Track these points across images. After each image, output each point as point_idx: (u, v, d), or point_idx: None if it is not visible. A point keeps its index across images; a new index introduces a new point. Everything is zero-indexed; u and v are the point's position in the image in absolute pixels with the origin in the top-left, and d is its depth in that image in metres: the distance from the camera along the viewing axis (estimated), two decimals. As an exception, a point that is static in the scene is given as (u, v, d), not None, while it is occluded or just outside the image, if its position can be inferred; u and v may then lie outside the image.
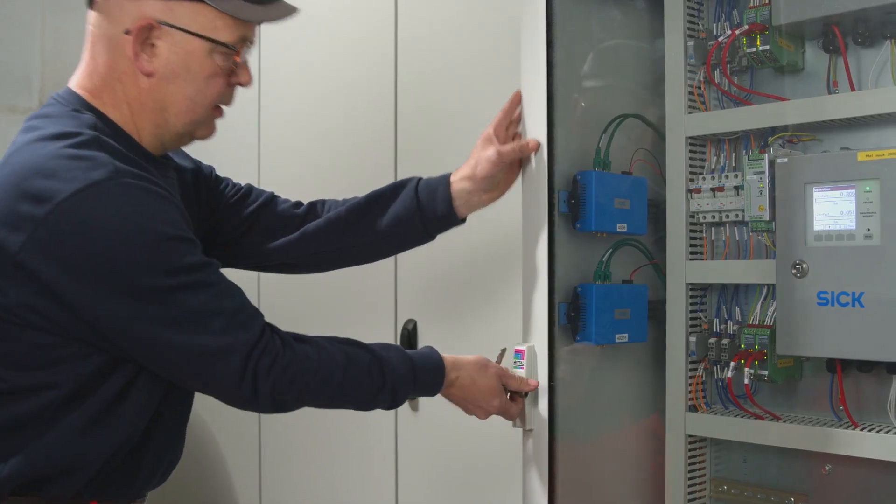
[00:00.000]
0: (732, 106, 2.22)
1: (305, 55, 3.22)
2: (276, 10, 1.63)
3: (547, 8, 1.96)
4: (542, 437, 1.89)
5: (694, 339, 2.21)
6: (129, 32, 1.52)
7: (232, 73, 1.61)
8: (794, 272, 1.94)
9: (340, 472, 3.06)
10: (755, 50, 2.12)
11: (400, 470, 2.86)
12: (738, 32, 2.14)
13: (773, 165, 2.01)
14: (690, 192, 2.23)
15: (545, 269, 1.90)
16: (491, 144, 1.88)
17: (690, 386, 2.23)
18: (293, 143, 3.25)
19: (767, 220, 2.03)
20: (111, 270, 1.43)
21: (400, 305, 2.88)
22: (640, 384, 2.33)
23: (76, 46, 1.65)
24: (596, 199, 2.09)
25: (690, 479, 2.24)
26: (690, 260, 2.23)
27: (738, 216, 2.17)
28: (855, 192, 1.89)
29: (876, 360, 1.90)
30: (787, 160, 1.98)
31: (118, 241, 1.42)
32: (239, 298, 1.56)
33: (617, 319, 2.16)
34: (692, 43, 2.23)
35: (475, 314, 2.68)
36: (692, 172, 2.25)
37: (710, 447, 2.29)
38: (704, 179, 2.22)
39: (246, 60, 1.64)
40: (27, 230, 1.40)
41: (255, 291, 3.24)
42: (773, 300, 2.09)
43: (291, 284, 2.56)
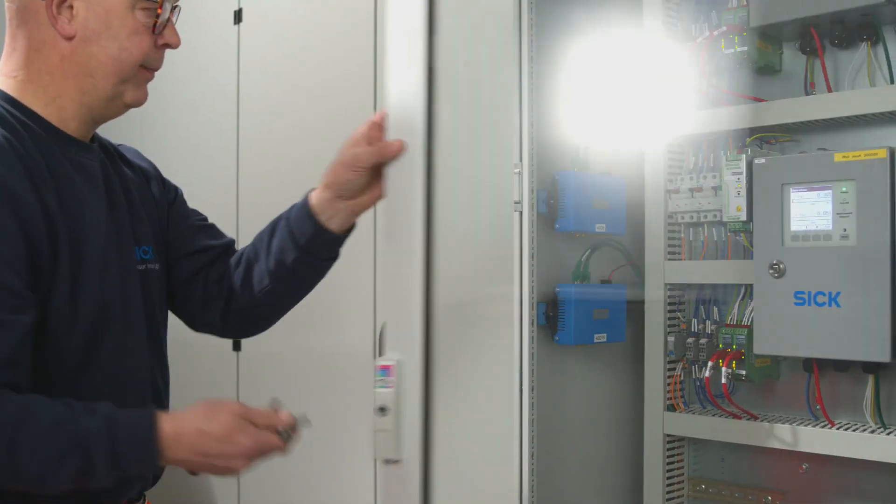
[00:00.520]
0: (710, 107, 2.23)
1: (284, 48, 3.21)
2: None
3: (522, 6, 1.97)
4: (411, 471, 1.39)
5: (672, 338, 2.22)
6: None
7: (159, 34, 1.50)
8: (771, 272, 1.96)
9: (318, 471, 3.06)
10: (733, 51, 2.12)
11: (379, 469, 2.84)
12: (716, 34, 2.15)
13: (750, 166, 2.02)
14: (669, 192, 2.24)
15: (420, 272, 1.40)
16: (354, 147, 1.56)
17: (668, 385, 2.24)
18: (272, 136, 3.24)
19: (745, 220, 2.04)
20: None
21: (379, 308, 2.87)
22: (618, 384, 2.34)
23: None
24: (575, 199, 2.10)
25: (668, 478, 2.25)
26: (669, 260, 2.24)
27: (716, 216, 2.18)
28: (832, 192, 1.90)
29: (852, 359, 1.92)
30: (764, 161, 1.99)
31: None
32: None
33: (595, 319, 2.17)
34: (671, 44, 2.24)
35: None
36: (670, 173, 2.25)
37: (688, 446, 2.30)
38: (683, 180, 2.23)
39: (172, 21, 1.54)
40: None
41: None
42: (750, 300, 2.11)
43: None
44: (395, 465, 1.41)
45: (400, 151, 1.48)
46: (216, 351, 3.02)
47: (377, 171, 1.54)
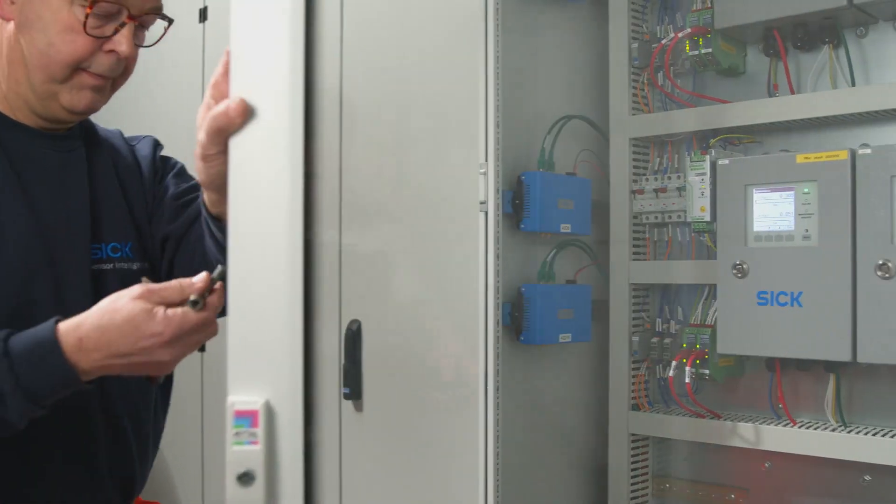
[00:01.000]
0: (675, 108, 2.25)
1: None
2: None
3: (490, 9, 1.97)
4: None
5: (637, 338, 2.23)
6: None
7: (99, 36, 1.33)
8: (734, 272, 1.97)
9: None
10: (698, 53, 2.14)
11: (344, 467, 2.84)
12: (681, 35, 2.16)
13: (714, 167, 2.04)
14: (634, 192, 2.25)
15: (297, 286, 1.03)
16: (201, 124, 1.20)
17: (633, 385, 2.25)
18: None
19: (709, 220, 2.06)
20: None
21: (344, 305, 2.86)
22: (583, 383, 2.34)
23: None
24: (540, 199, 2.10)
25: (633, 476, 2.26)
26: (634, 260, 2.25)
27: (680, 217, 2.19)
28: (794, 193, 1.92)
29: (814, 358, 1.94)
30: (727, 162, 2.01)
31: None
32: None
33: (561, 319, 2.18)
34: (636, 45, 2.25)
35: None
36: (635, 174, 2.27)
37: (652, 445, 2.32)
38: (647, 181, 2.24)
39: (128, 26, 1.36)
40: None
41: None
42: (714, 300, 2.12)
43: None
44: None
45: (241, 116, 1.05)
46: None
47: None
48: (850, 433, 1.92)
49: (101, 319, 1.18)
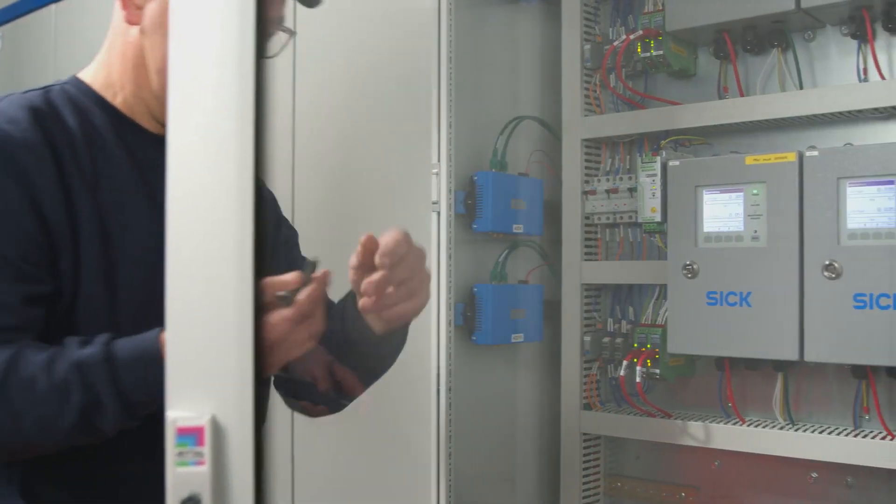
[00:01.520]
0: (627, 109, 2.26)
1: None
2: None
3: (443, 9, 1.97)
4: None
5: (588, 338, 2.24)
6: None
7: None
8: (684, 273, 1.99)
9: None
10: (649, 55, 2.15)
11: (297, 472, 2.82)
12: (632, 37, 2.18)
13: (665, 168, 2.05)
14: (586, 193, 2.26)
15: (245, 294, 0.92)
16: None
17: (585, 384, 2.26)
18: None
19: (660, 221, 2.07)
20: None
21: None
22: (535, 383, 2.35)
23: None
24: (493, 199, 2.11)
25: (585, 475, 2.27)
26: (585, 261, 2.26)
27: (631, 217, 2.21)
28: (743, 195, 1.94)
29: (762, 358, 1.96)
30: (678, 163, 2.02)
31: None
32: None
33: (513, 319, 2.18)
34: (588, 47, 2.26)
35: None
36: (587, 174, 2.28)
37: (604, 444, 2.33)
38: (599, 181, 2.25)
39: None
40: None
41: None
42: (664, 300, 2.14)
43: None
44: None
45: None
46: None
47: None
48: (797, 431, 1.94)
49: None
